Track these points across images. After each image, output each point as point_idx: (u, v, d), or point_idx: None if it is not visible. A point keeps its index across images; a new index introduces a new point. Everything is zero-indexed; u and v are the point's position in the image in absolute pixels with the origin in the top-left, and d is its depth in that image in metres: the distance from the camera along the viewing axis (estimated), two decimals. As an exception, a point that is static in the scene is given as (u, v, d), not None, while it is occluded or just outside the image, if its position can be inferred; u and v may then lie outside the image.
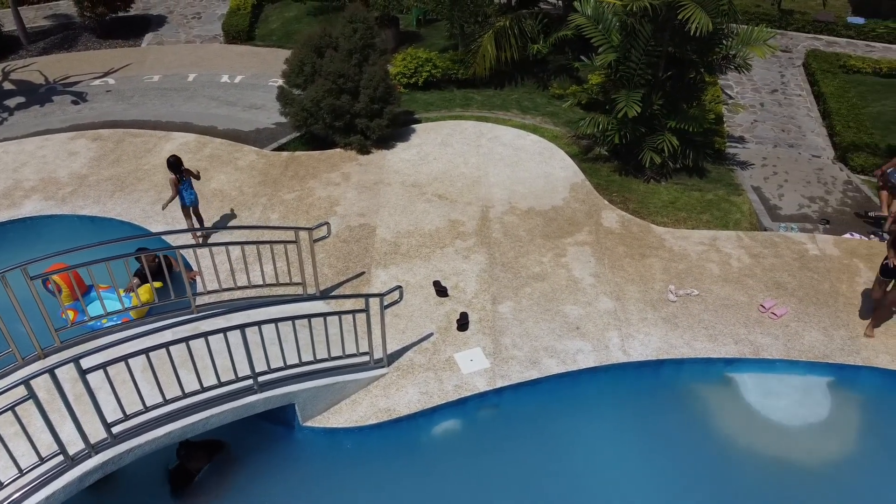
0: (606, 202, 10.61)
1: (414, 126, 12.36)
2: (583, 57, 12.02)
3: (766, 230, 10.27)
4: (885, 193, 10.57)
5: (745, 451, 7.46)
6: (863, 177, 12.11)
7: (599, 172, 11.52)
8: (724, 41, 10.80)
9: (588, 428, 7.61)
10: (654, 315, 8.60)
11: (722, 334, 8.36)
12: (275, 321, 6.65)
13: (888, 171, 10.49)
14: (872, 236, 10.16)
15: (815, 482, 7.23)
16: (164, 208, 9.57)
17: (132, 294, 8.45)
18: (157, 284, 8.12)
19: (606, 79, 11.71)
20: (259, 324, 6.52)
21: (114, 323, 7.64)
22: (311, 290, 8.56)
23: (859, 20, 17.67)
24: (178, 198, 9.34)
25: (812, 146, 13.29)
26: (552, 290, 8.94)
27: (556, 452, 7.38)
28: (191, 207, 9.43)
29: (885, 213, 10.37)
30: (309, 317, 6.93)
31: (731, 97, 14.90)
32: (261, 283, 8.40)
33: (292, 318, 6.79)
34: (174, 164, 9.22)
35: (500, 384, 7.72)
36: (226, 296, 8.18)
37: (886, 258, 8.15)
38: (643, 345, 8.20)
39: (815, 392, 7.96)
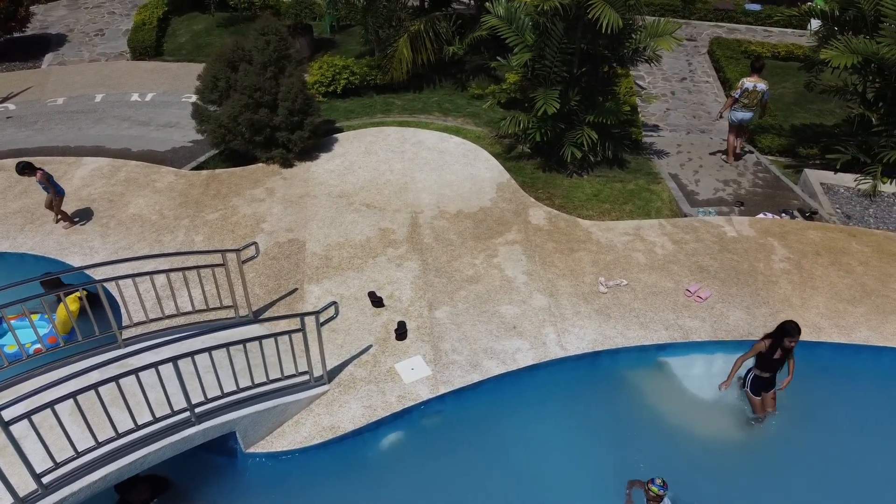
0: (533, 199, 10.78)
1: (336, 135, 12.24)
2: (499, 57, 12.15)
3: (686, 216, 10.65)
4: (731, 136, 12.00)
5: (682, 431, 7.72)
6: (771, 157, 12.72)
7: (524, 170, 11.69)
8: (633, 35, 11.11)
9: (533, 425, 7.71)
10: (587, 308, 8.79)
11: (652, 321, 8.63)
12: (208, 350, 6.47)
13: (729, 111, 11.63)
14: (784, 215, 10.68)
15: (750, 454, 7.58)
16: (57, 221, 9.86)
17: (48, 316, 7.98)
18: (74, 303, 7.84)
19: (523, 78, 11.88)
20: (192, 354, 6.33)
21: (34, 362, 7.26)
22: (243, 313, 8.36)
23: (756, 7, 18.54)
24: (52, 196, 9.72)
25: (722, 131, 13.80)
26: (487, 291, 9.02)
27: (504, 452, 7.45)
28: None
29: (731, 157, 12.07)
30: (243, 342, 6.76)
31: (643, 88, 15.39)
32: (190, 309, 8.14)
33: (226, 345, 6.62)
34: (27, 164, 9.49)
35: (442, 390, 7.74)
36: (154, 326, 7.91)
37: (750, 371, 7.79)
38: (579, 338, 8.38)
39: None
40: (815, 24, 12.68)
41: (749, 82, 11.47)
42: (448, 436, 7.62)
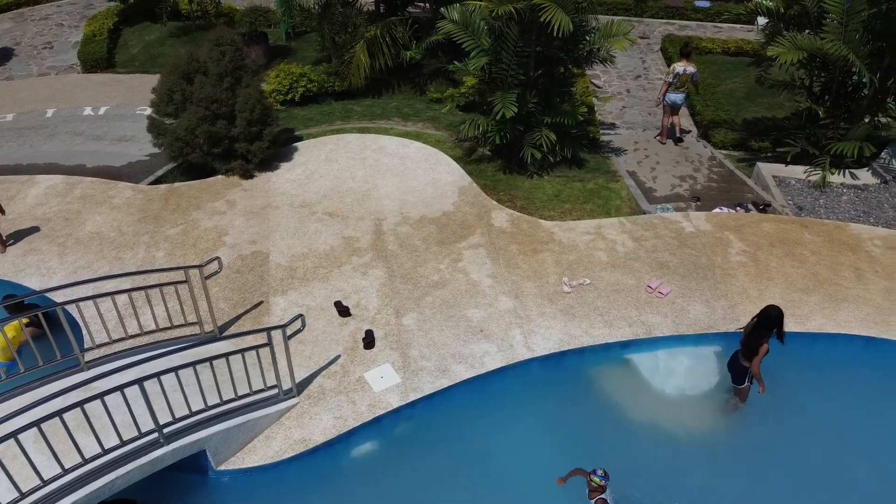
0: (495, 202, 10.88)
1: (296, 144, 12.18)
2: (455, 62, 12.23)
3: (644, 213, 10.85)
4: (665, 118, 12.88)
5: (648, 424, 7.89)
6: (725, 152, 13.03)
7: (485, 173, 11.79)
8: (587, 37, 11.28)
9: (504, 427, 7.80)
10: (552, 308, 8.91)
11: (616, 319, 8.79)
12: (174, 369, 6.41)
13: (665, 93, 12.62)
14: (739, 208, 10.96)
15: (714, 444, 7.80)
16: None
17: None
18: (25, 320, 7.68)
19: (481, 81, 11.97)
20: (158, 375, 6.27)
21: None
22: (208, 328, 8.29)
23: (706, 4, 18.94)
24: None
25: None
26: (453, 296, 9.08)
27: (477, 455, 7.52)
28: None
29: (664, 136, 12.99)
30: (210, 360, 6.71)
31: (599, 87, 15.61)
32: (154, 328, 8.04)
33: (193, 364, 6.57)
34: None
35: (413, 397, 7.78)
36: (117, 346, 7.79)
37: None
38: (545, 339, 8.50)
39: (705, 361, 8.53)
40: (761, 21, 13.01)
41: (680, 67, 12.43)
42: (421, 442, 7.66)
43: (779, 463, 7.49)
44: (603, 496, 6.55)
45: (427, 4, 15.87)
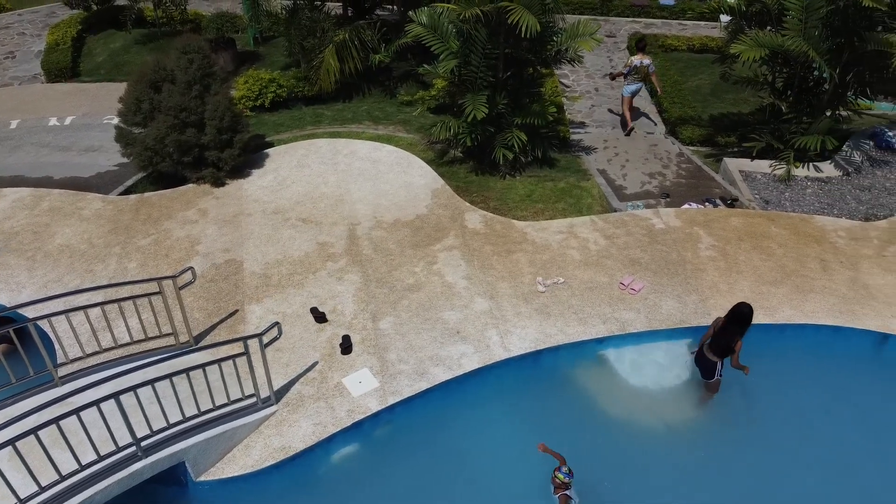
0: (468, 204, 10.95)
1: (267, 150, 12.14)
2: (425, 65, 12.27)
3: (615, 211, 11.00)
4: (625, 108, 13.62)
5: (624, 419, 8.02)
6: (692, 148, 13.26)
7: (457, 175, 11.85)
8: (554, 37, 11.40)
9: (483, 427, 7.87)
10: (527, 308, 9.00)
11: (590, 316, 8.90)
12: (150, 382, 6.38)
13: (624, 85, 13.55)
14: (707, 204, 11.16)
15: (687, 435, 7.96)
16: None
17: None
18: None
19: (451, 84, 12.03)
20: (133, 388, 6.23)
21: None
22: (183, 339, 8.25)
23: (670, 2, 19.22)
24: None
25: (645, 124, 14.35)
26: (429, 298, 9.13)
27: (457, 456, 7.58)
28: None
29: (628, 116, 13.63)
30: (186, 371, 6.69)
31: (567, 86, 15.76)
32: (128, 340, 7.99)
33: (169, 376, 6.54)
34: None
35: (391, 401, 7.81)
36: (91, 360, 7.72)
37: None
38: (521, 338, 8.58)
39: (678, 356, 8.68)
40: (724, 18, 13.25)
41: (637, 59, 13.40)
42: (401, 446, 7.70)
43: (751, 452, 7.67)
44: (566, 492, 6.68)
45: (395, 7, 15.91)
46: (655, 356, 8.62)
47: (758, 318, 8.87)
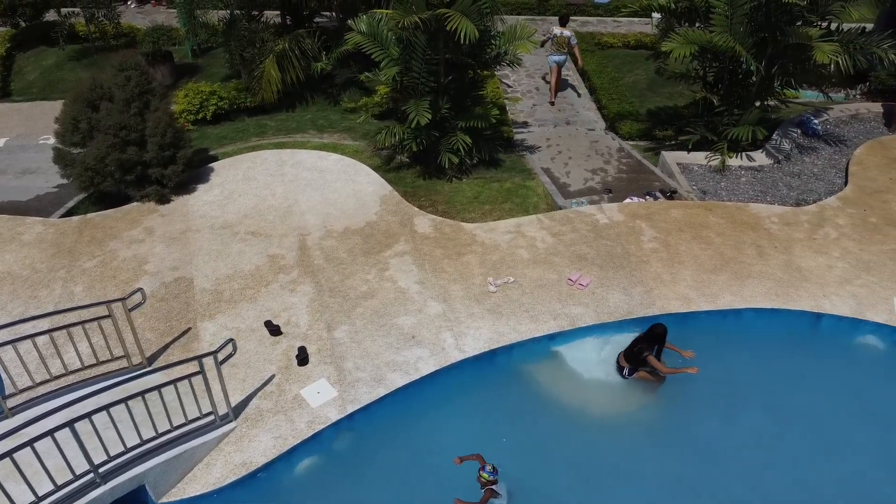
0: (417, 208, 11.07)
1: (212, 164, 12.04)
2: (367, 72, 12.35)
3: (561, 208, 11.27)
4: (552, 77, 15.04)
5: (578, 410, 8.27)
6: (632, 142, 13.64)
7: (405, 180, 11.97)
8: (492, 41, 11.60)
9: (443, 429, 8.02)
10: (479, 309, 9.18)
11: (541, 313, 9.13)
12: (105, 408, 6.33)
13: (548, 54, 14.82)
14: (648, 197, 11.53)
15: (637, 423, 8.27)
16: None
17: None
18: None
19: (393, 90, 12.12)
20: (88, 415, 6.18)
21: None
22: (136, 361, 8.17)
23: (604, 0, 19.65)
24: None
25: (586, 121, 14.70)
26: (382, 305, 9.23)
27: (419, 459, 7.70)
28: None
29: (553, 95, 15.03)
30: (141, 394, 6.65)
31: (509, 86, 16.01)
32: (79, 366, 7.87)
33: (124, 400, 6.49)
34: None
35: (350, 409, 7.89)
36: (42, 389, 7.59)
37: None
38: (475, 339, 8.75)
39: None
40: (656, 16, 13.66)
41: (557, 30, 14.72)
42: (363, 453, 7.79)
43: (701, 432, 8.01)
44: (492, 487, 6.91)
45: (334, 14, 15.91)
46: (605, 349, 8.89)
47: (700, 305, 9.31)
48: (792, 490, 7.45)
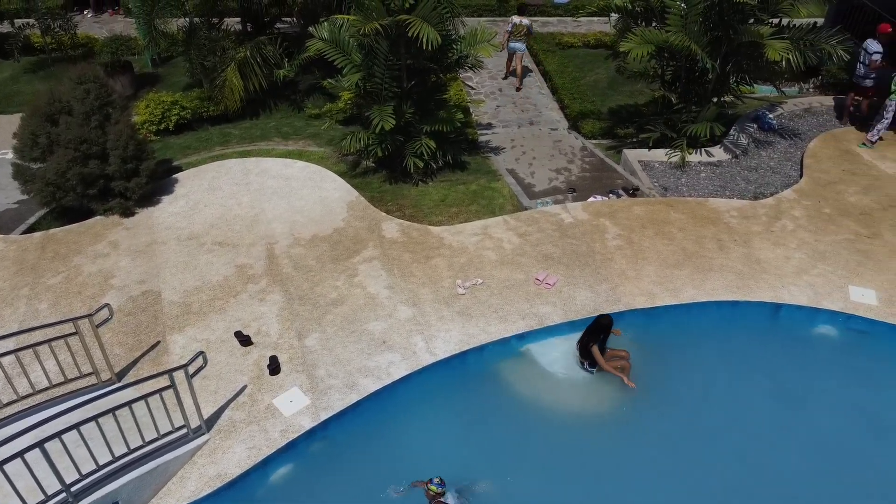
0: (384, 213, 11.14)
1: (176, 175, 11.96)
2: (330, 79, 12.37)
3: (526, 209, 11.42)
4: (509, 62, 16.19)
5: (548, 408, 8.42)
6: (594, 141, 13.86)
7: (371, 185, 12.02)
8: (454, 45, 11.71)
9: (416, 433, 8.10)
10: (449, 311, 9.29)
11: (510, 314, 9.27)
12: (75, 426, 6.30)
13: (507, 43, 15.85)
14: (611, 195, 11.74)
15: (606, 418, 8.44)
16: None
17: None
18: None
19: (357, 96, 12.17)
20: (58, 434, 6.15)
21: None
22: (105, 377, 8.12)
23: (564, 0, 19.89)
24: None
25: (549, 121, 14.90)
26: (352, 311, 9.28)
27: (394, 464, 7.76)
28: None
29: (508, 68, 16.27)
30: (112, 411, 6.63)
31: (472, 88, 16.14)
32: (47, 384, 7.80)
33: (94, 418, 6.47)
34: None
35: (324, 416, 7.93)
36: (9, 410, 7.50)
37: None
38: (446, 342, 8.85)
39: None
40: (614, 16, 13.90)
41: (516, 19, 15.61)
42: (339, 459, 7.83)
43: (670, 425, 8.22)
44: (441, 500, 7.00)
45: (295, 19, 15.89)
46: (573, 346, 9.05)
47: (664, 300, 9.53)
48: (761, 477, 7.66)
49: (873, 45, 12.85)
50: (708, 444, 8.02)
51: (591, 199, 11.59)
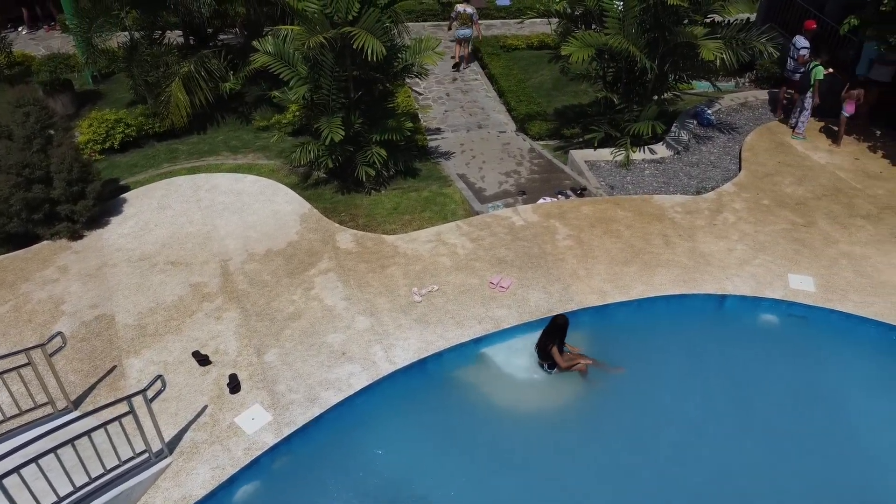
0: (337, 224, 11.20)
1: (124, 195, 11.79)
2: (276, 92, 12.36)
3: (478, 213, 11.61)
4: (457, 48, 17.30)
5: (509, 410, 8.63)
6: (542, 142, 14.14)
7: (323, 196, 12.06)
8: (398, 55, 11.82)
9: (381, 442, 8.20)
10: (407, 320, 9.41)
11: (467, 318, 9.44)
12: (33, 461, 6.23)
13: (454, 30, 16.97)
14: (560, 196, 12.02)
15: (563, 417, 8.70)
16: None
17: None
18: None
19: (304, 108, 12.19)
20: (17, 469, 6.08)
21: None
22: (61, 406, 8.01)
23: (506, 2, 20.18)
24: None
25: (497, 123, 15.14)
26: (310, 324, 9.34)
27: (359, 474, 7.87)
28: None
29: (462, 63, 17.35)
30: (70, 441, 6.57)
31: (420, 93, 16.29)
32: (1, 417, 7.66)
33: (53, 450, 6.41)
34: None
35: (287, 432, 7.97)
36: (-38, 446, 7.35)
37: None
38: (405, 350, 8.97)
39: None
40: (555, 20, 14.19)
41: (460, 7, 16.80)
42: (304, 474, 7.88)
43: (626, 420, 8.51)
44: None
45: (238, 30, 15.78)
46: (530, 348, 9.27)
47: (614, 297, 9.82)
48: (720, 465, 7.95)
49: (800, 41, 13.44)
50: (668, 435, 8.32)
51: (541, 200, 11.85)
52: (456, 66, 17.59)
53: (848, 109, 12.82)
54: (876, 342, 9.36)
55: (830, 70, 12.95)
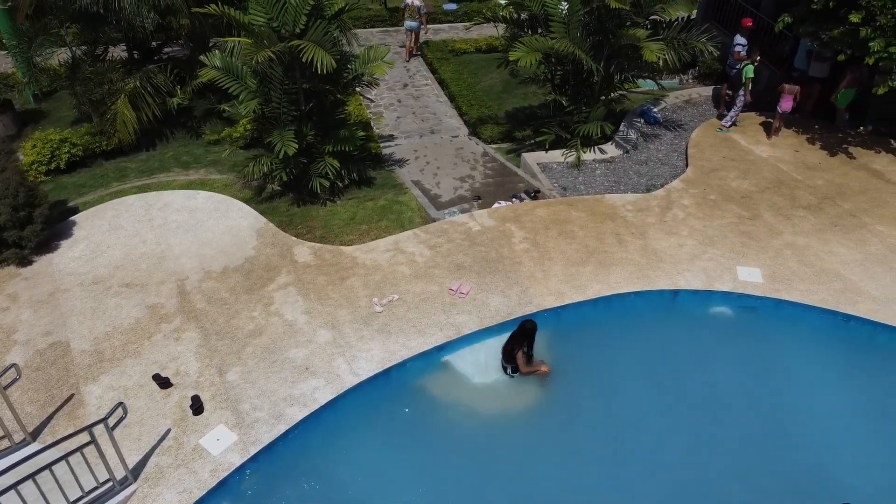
0: (294, 238, 11.17)
1: (73, 217, 11.55)
2: (226, 105, 12.25)
3: (435, 220, 11.71)
4: (407, 40, 18.16)
5: (473, 414, 8.73)
6: (494, 146, 14.31)
7: (278, 209, 12.01)
8: (348, 65, 11.84)
9: (349, 456, 8.24)
10: (368, 331, 9.46)
11: (428, 326, 9.53)
12: (-7, 498, 6.12)
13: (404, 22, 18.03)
14: (514, 199, 12.20)
15: (527, 421, 8.83)
16: None
17: None
18: None
19: (255, 121, 12.11)
20: (-24, 509, 5.96)
21: None
22: (19, 438, 7.85)
23: (453, 6, 20.32)
24: None
25: (449, 128, 15.26)
26: (272, 340, 9.31)
27: (330, 488, 7.89)
28: None
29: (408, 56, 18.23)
30: (31, 477, 6.46)
31: (372, 100, 16.30)
32: (-45, 454, 7.49)
33: (13, 486, 6.29)
34: None
35: (253, 451, 7.94)
36: (-84, 486, 7.15)
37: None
38: (368, 361, 9.02)
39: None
40: (502, 26, 14.37)
41: (408, 0, 17.72)
42: (273, 491, 7.87)
43: (589, 418, 8.70)
44: None
45: (184, 43, 15.55)
46: (493, 352, 9.40)
47: (572, 297, 10.03)
48: (686, 456, 8.18)
49: (738, 38, 13.88)
50: (631, 431, 8.52)
51: (496, 205, 12.01)
52: (408, 51, 18.51)
53: (783, 106, 13.29)
54: (822, 329, 9.75)
55: (758, 59, 13.31)
